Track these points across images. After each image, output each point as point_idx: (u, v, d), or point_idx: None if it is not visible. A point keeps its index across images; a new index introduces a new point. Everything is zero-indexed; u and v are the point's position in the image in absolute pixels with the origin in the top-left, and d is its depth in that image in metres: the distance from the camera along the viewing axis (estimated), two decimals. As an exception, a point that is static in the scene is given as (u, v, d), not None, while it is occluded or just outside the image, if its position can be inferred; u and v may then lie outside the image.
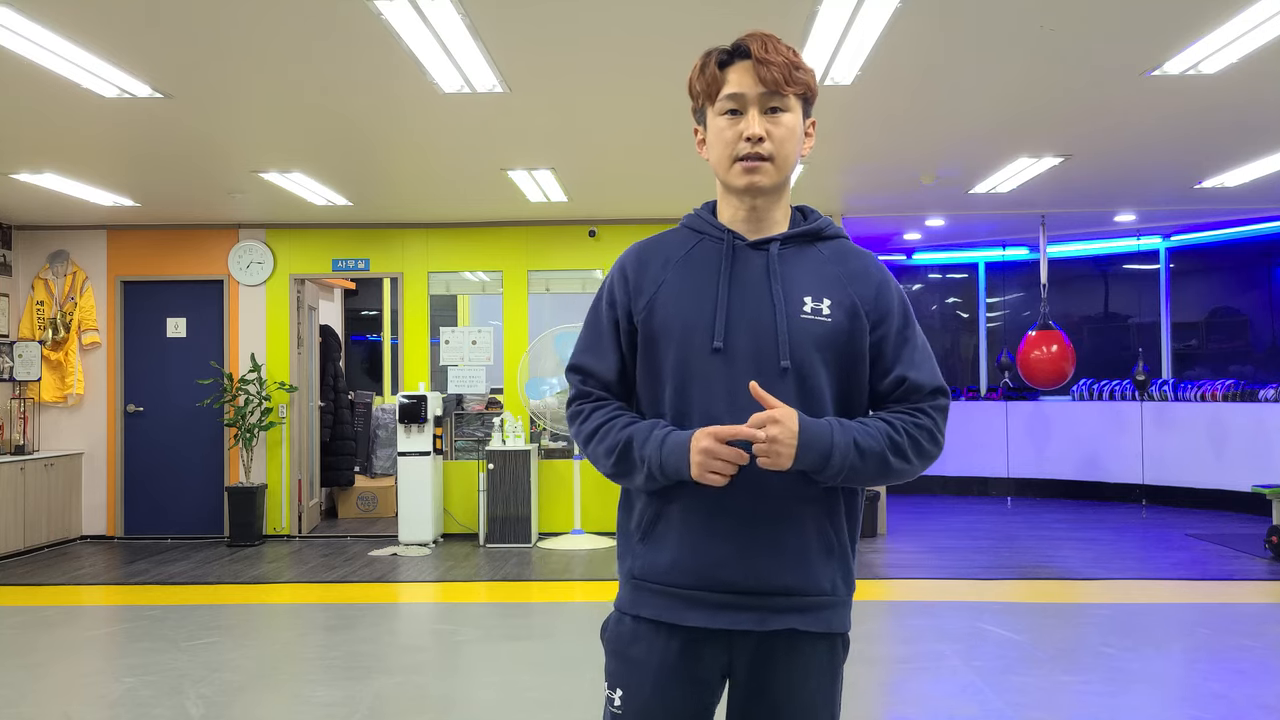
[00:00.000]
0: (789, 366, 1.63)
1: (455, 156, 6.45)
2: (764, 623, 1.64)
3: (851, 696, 4.28)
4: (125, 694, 4.38)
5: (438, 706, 4.25)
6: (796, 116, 1.69)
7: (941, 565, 7.14)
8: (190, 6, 3.95)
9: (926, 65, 4.79)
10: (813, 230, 1.75)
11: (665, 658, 1.67)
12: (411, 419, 7.99)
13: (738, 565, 1.63)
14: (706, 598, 1.64)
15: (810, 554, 1.65)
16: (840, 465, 1.59)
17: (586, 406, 1.75)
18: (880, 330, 1.70)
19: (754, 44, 1.68)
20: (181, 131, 5.76)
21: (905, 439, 1.66)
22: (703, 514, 1.64)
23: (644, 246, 1.77)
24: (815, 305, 1.67)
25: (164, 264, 8.79)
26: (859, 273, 1.72)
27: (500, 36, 4.29)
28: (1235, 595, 6.15)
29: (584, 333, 1.79)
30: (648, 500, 1.70)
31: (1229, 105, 5.47)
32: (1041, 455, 10.74)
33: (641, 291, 1.72)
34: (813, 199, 7.95)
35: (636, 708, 1.69)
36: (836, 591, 1.68)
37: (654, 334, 1.69)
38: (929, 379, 1.70)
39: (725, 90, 1.68)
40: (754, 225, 1.72)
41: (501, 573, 7.00)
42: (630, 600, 1.72)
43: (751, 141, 1.65)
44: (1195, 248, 10.33)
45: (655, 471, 1.62)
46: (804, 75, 1.68)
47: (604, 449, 1.69)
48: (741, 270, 1.69)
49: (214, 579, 6.93)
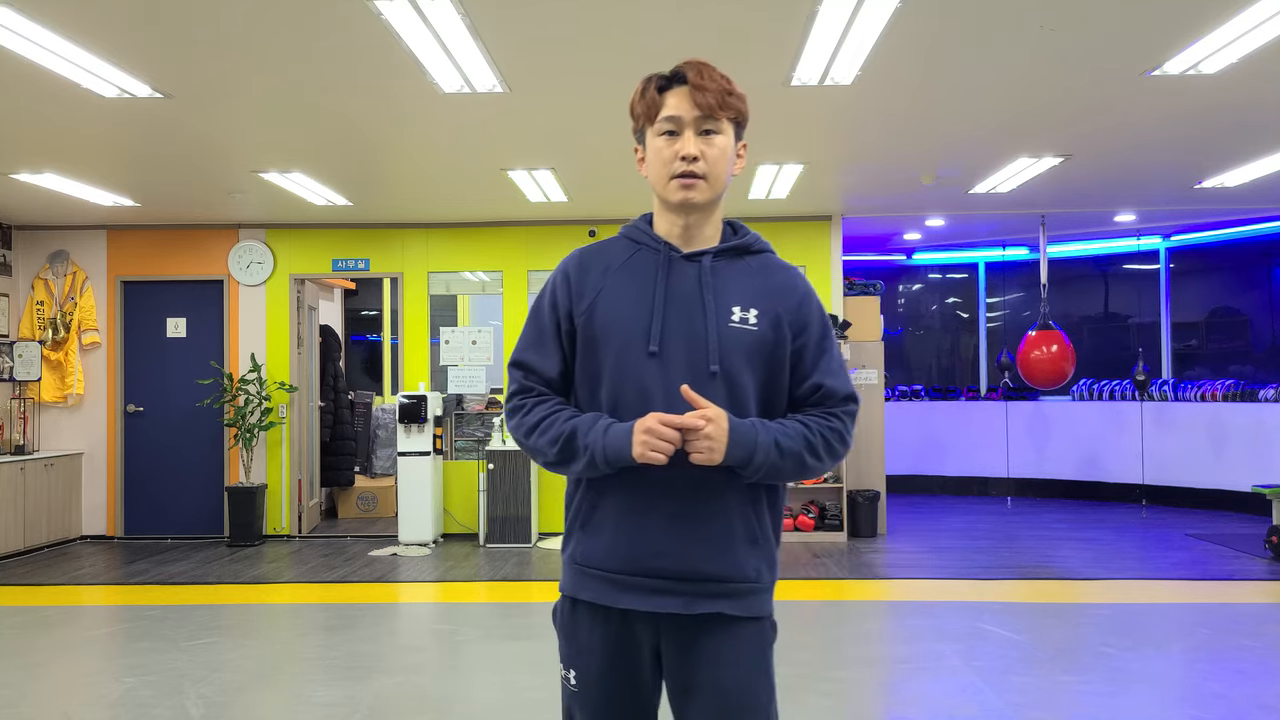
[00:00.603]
0: (718, 370, 1.78)
1: (455, 156, 6.45)
2: (691, 606, 1.78)
3: (852, 696, 4.30)
4: (125, 694, 4.38)
5: (438, 706, 4.25)
6: (729, 139, 1.83)
7: (941, 565, 7.14)
8: (190, 6, 3.95)
9: (926, 65, 4.79)
10: (742, 245, 1.89)
11: (606, 640, 1.82)
12: (411, 419, 8.00)
13: (668, 554, 1.78)
14: (639, 582, 1.79)
15: (735, 544, 1.80)
16: (763, 462, 1.74)
17: (529, 401, 1.87)
18: (800, 340, 1.85)
19: (691, 71, 1.81)
20: (181, 131, 5.76)
21: (819, 440, 1.81)
22: (636, 505, 1.79)
23: (586, 253, 1.91)
24: (743, 315, 1.81)
25: (164, 264, 8.79)
26: (783, 286, 1.88)
27: (500, 36, 4.29)
28: (1235, 595, 6.15)
29: (526, 331, 1.92)
30: (585, 491, 1.85)
31: (1229, 105, 5.47)
32: (1041, 455, 10.74)
33: (583, 295, 1.85)
34: (813, 199, 7.96)
35: (589, 685, 1.84)
36: (761, 578, 1.83)
37: (593, 336, 1.83)
38: (842, 386, 1.87)
39: (664, 113, 1.82)
40: (688, 238, 1.86)
41: (501, 573, 7.00)
42: (572, 583, 1.87)
43: (687, 160, 1.79)
44: (1195, 248, 10.34)
45: (598, 458, 1.75)
46: (736, 101, 1.83)
47: (547, 440, 1.81)
48: (676, 280, 1.83)
49: (214, 579, 6.93)
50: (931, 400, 11.30)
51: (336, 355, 9.92)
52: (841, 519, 8.15)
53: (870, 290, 8.91)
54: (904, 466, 10.95)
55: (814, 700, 4.18)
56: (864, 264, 11.51)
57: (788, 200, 7.93)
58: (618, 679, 1.83)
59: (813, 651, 4.90)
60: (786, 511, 8.16)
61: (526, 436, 1.85)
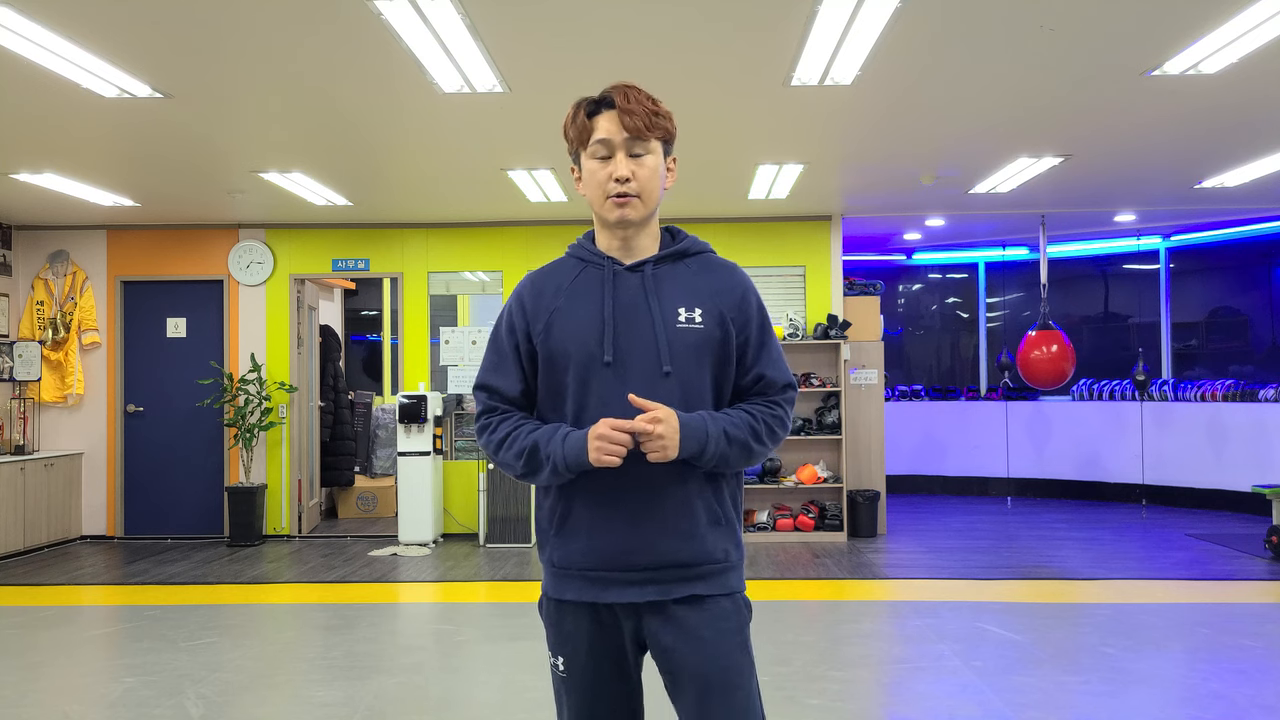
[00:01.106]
0: (670, 371, 1.90)
1: (455, 156, 6.45)
2: (668, 592, 1.90)
3: (852, 696, 4.30)
4: (125, 694, 4.38)
5: (438, 706, 4.25)
6: (658, 157, 1.95)
7: (941, 565, 7.14)
8: (190, 7, 3.95)
9: (926, 65, 4.79)
10: (680, 250, 2.00)
11: (590, 630, 1.95)
12: (411, 419, 8.00)
13: (639, 548, 1.89)
14: (617, 577, 1.91)
15: (700, 529, 1.92)
16: (714, 452, 1.87)
17: (494, 419, 1.99)
18: (744, 334, 1.97)
19: (618, 95, 1.94)
20: (181, 131, 5.76)
21: (764, 426, 1.94)
22: (604, 506, 1.91)
23: (536, 277, 2.03)
24: (689, 315, 1.93)
25: (164, 264, 8.79)
26: (724, 284, 1.99)
27: (500, 36, 4.29)
28: (1235, 595, 6.15)
29: (487, 356, 2.04)
30: (556, 497, 1.96)
31: (1229, 105, 5.47)
32: (1041, 455, 10.74)
33: (539, 316, 1.97)
34: (813, 199, 7.96)
35: (575, 671, 1.97)
36: (729, 557, 1.95)
37: (552, 354, 1.94)
38: (781, 376, 1.99)
39: (595, 136, 1.94)
40: (628, 251, 1.98)
41: (501, 573, 7.00)
42: (554, 585, 1.98)
43: (620, 181, 1.91)
44: (1195, 248, 10.33)
45: (560, 465, 1.86)
46: (663, 121, 1.94)
47: (513, 454, 1.93)
48: (622, 291, 1.94)
49: (214, 579, 6.93)
50: (931, 400, 11.30)
51: (336, 355, 9.92)
52: (841, 519, 8.15)
53: (870, 290, 8.91)
54: (904, 466, 10.95)
55: (814, 700, 4.18)
56: (864, 264, 11.51)
57: (788, 200, 7.93)
58: (602, 664, 1.95)
59: (813, 651, 4.90)
60: (786, 511, 8.16)
61: (495, 452, 1.97)
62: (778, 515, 8.13)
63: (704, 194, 7.70)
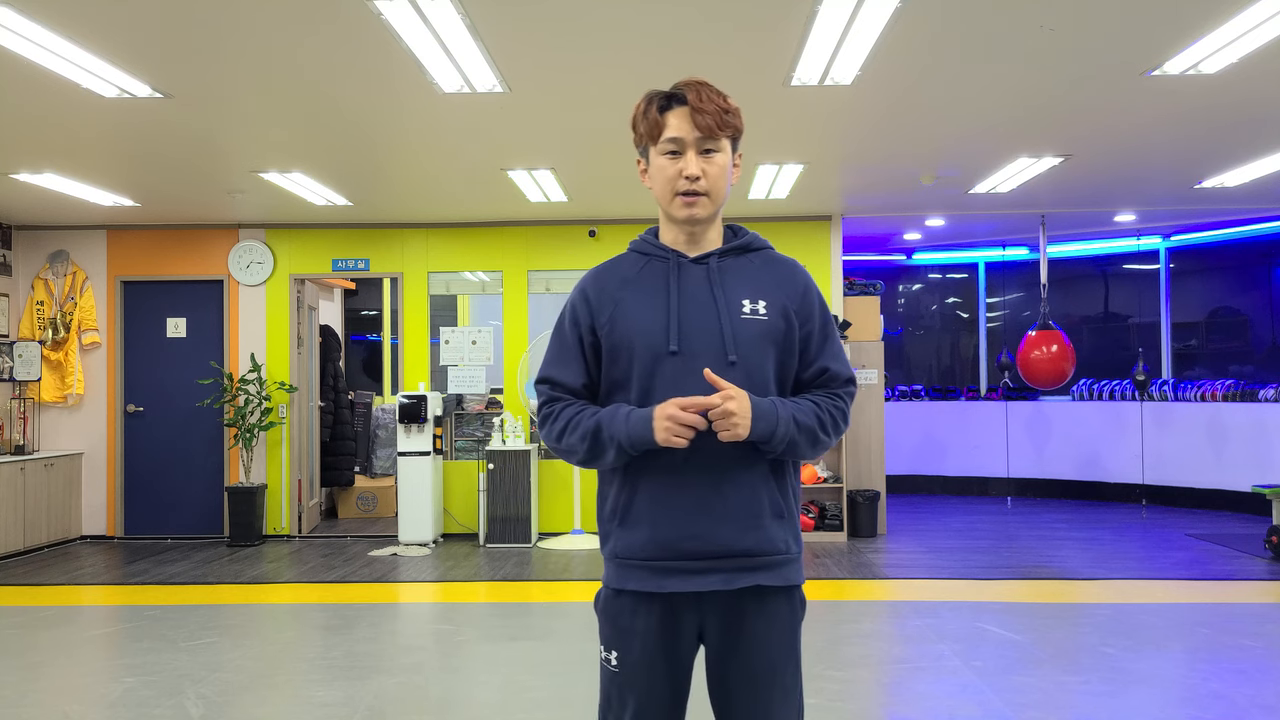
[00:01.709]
0: (736, 360, 1.90)
1: (455, 156, 6.45)
2: (731, 582, 1.89)
3: (852, 696, 4.30)
4: (125, 694, 4.38)
5: (438, 706, 4.25)
6: (727, 155, 1.96)
7: (941, 565, 7.14)
8: (190, 7, 3.95)
9: (926, 65, 4.79)
10: (743, 244, 2.02)
11: (649, 622, 1.93)
12: (411, 419, 7.99)
13: (703, 536, 1.89)
14: (680, 566, 1.90)
15: (764, 519, 1.92)
16: (784, 435, 1.87)
17: (556, 407, 1.99)
18: (807, 327, 1.99)
19: (690, 93, 1.93)
20: (181, 131, 5.76)
21: (828, 417, 1.95)
22: (668, 495, 1.90)
23: (600, 271, 2.04)
24: (753, 307, 1.94)
25: (164, 264, 8.79)
26: (786, 278, 2.00)
27: (500, 36, 4.29)
28: (1235, 595, 6.15)
29: (550, 349, 2.04)
30: (619, 488, 1.96)
31: (1229, 105, 5.47)
32: (1041, 455, 10.74)
33: (602, 309, 1.97)
34: (813, 199, 7.96)
35: (629, 665, 1.95)
36: (790, 550, 1.95)
37: (616, 345, 1.95)
38: (844, 370, 2.01)
39: (666, 134, 1.94)
40: (693, 245, 2.00)
41: (501, 573, 7.00)
42: (616, 576, 1.96)
43: (690, 180, 1.92)
44: (1195, 248, 10.33)
45: (625, 444, 1.86)
46: (733, 119, 1.95)
47: (577, 437, 1.93)
48: (687, 282, 1.96)
49: (214, 579, 6.93)
50: (931, 400, 11.30)
51: (336, 355, 9.92)
52: (841, 519, 8.15)
53: (870, 290, 8.91)
54: (904, 466, 10.95)
55: (814, 700, 4.18)
56: (864, 264, 11.51)
57: (788, 200, 7.93)
58: (660, 660, 1.93)
59: (813, 651, 4.90)
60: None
61: (559, 440, 1.96)
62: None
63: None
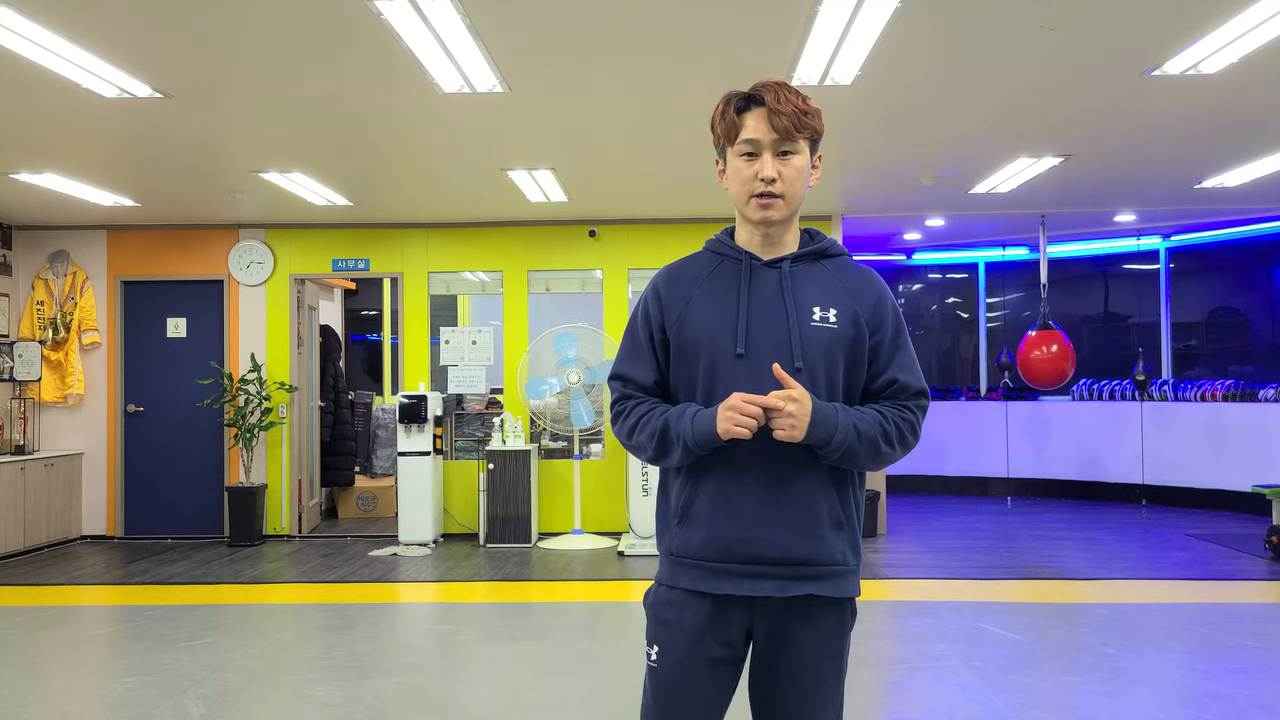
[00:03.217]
0: (802, 367, 1.88)
1: (455, 156, 6.45)
2: (784, 589, 1.87)
3: (852, 696, 4.28)
4: (125, 694, 4.38)
5: (438, 706, 4.25)
6: (805, 157, 1.95)
7: (941, 565, 7.14)
8: (190, 7, 3.95)
9: (926, 65, 4.79)
10: (819, 250, 2.00)
11: (697, 619, 1.90)
12: (411, 419, 7.99)
13: (759, 539, 1.87)
14: (735, 568, 1.88)
15: (823, 529, 1.89)
16: (841, 442, 1.83)
17: (629, 405, 1.99)
18: (877, 337, 1.95)
19: (768, 94, 1.90)
20: (181, 131, 5.76)
21: (894, 429, 1.91)
22: (728, 496, 1.88)
23: (674, 269, 2.03)
24: (823, 314, 1.91)
25: (164, 264, 8.79)
26: (860, 286, 1.97)
27: (500, 36, 4.29)
28: (1235, 595, 6.15)
29: (623, 346, 2.04)
30: (681, 486, 1.94)
31: (1229, 105, 5.47)
32: (1041, 455, 10.74)
33: (673, 308, 1.96)
34: (813, 199, 7.95)
35: (670, 661, 1.92)
36: (847, 561, 1.92)
37: (685, 344, 1.94)
38: (916, 382, 1.97)
39: (743, 135, 1.92)
40: (768, 248, 1.97)
41: (501, 573, 7.00)
42: (669, 574, 1.95)
43: (766, 182, 1.90)
44: (1195, 248, 10.33)
45: (690, 443, 1.85)
46: (812, 120, 1.94)
47: (645, 435, 1.92)
48: (758, 286, 1.94)
49: (214, 579, 6.93)
50: (931, 400, 11.28)
51: (336, 355, 9.92)
52: (841, 519, 8.14)
53: (870, 290, 8.90)
54: (904, 466, 10.94)
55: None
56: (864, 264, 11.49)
57: (788, 200, 7.92)
58: (701, 661, 1.90)
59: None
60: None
61: (630, 437, 1.96)
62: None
63: (704, 194, 7.70)
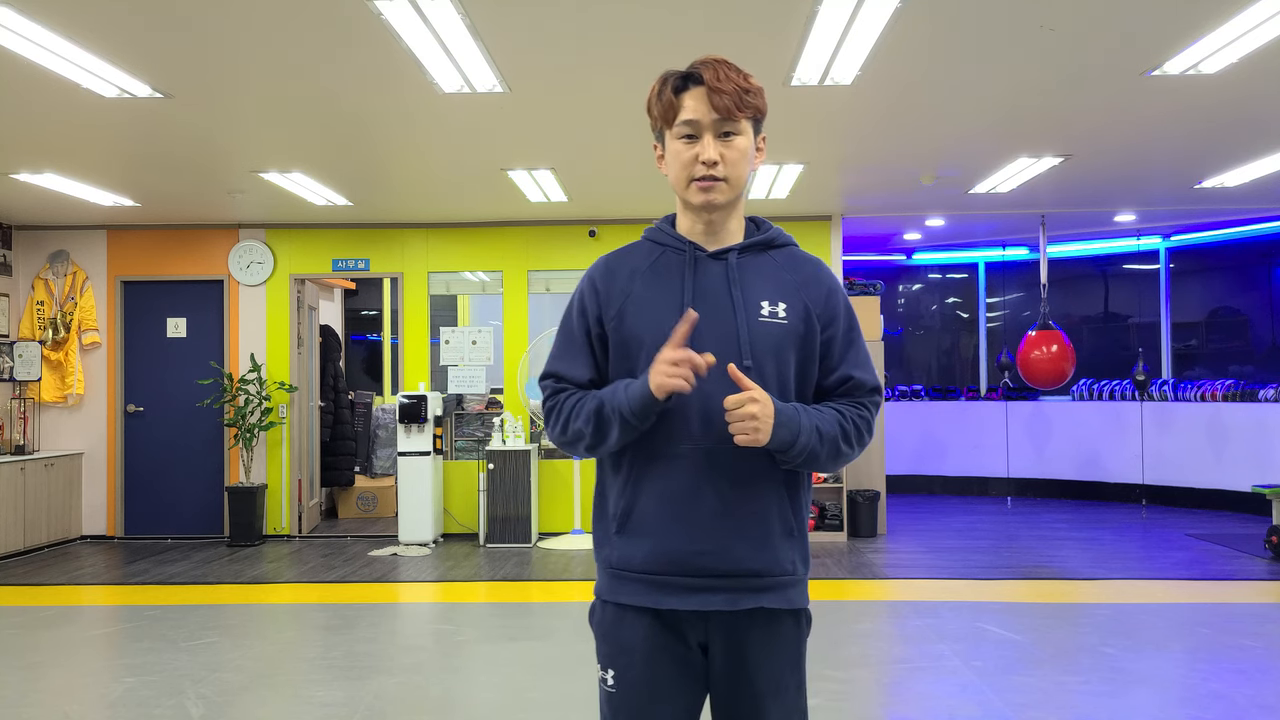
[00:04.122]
0: (750, 365, 1.77)
1: (455, 156, 6.45)
2: (735, 603, 1.77)
3: (852, 696, 4.30)
4: (125, 694, 4.38)
5: (438, 706, 4.25)
6: (748, 138, 1.82)
7: (941, 565, 7.14)
8: (190, 7, 3.95)
9: (926, 65, 4.79)
10: (766, 240, 1.88)
11: (649, 637, 1.80)
12: (411, 419, 7.99)
13: (710, 551, 1.76)
14: (682, 582, 1.77)
15: (774, 538, 1.80)
16: (805, 445, 1.74)
17: (560, 399, 1.86)
18: (829, 332, 1.85)
19: (707, 72, 1.78)
20: (181, 131, 5.76)
21: (852, 428, 1.82)
22: (674, 504, 1.77)
23: (611, 259, 1.91)
24: (772, 309, 1.81)
25: (164, 264, 8.79)
26: (810, 279, 1.87)
27: (500, 36, 4.29)
28: (1235, 595, 6.15)
29: (556, 342, 1.92)
30: (621, 489, 1.82)
31: (1229, 105, 5.47)
32: (1041, 455, 10.74)
33: (611, 301, 1.85)
34: (813, 199, 7.96)
35: (627, 684, 1.81)
36: (797, 571, 1.83)
37: (625, 340, 1.82)
38: (870, 379, 1.87)
39: (681, 116, 1.80)
40: (711, 237, 1.86)
41: (501, 573, 7.00)
42: (609, 588, 1.84)
43: (707, 164, 1.78)
44: (1195, 248, 10.33)
45: (627, 413, 1.73)
46: (754, 99, 1.81)
47: (582, 420, 1.80)
48: (703, 279, 1.82)
49: (214, 579, 6.93)
50: (931, 400, 11.30)
51: (336, 355, 9.92)
52: (841, 519, 8.15)
53: (870, 290, 8.91)
54: (904, 466, 10.95)
55: (814, 700, 4.16)
56: (864, 264, 11.51)
57: (788, 200, 7.93)
58: (659, 679, 1.80)
59: (813, 651, 4.86)
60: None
61: (564, 431, 1.83)
62: (778, 515, 8.12)
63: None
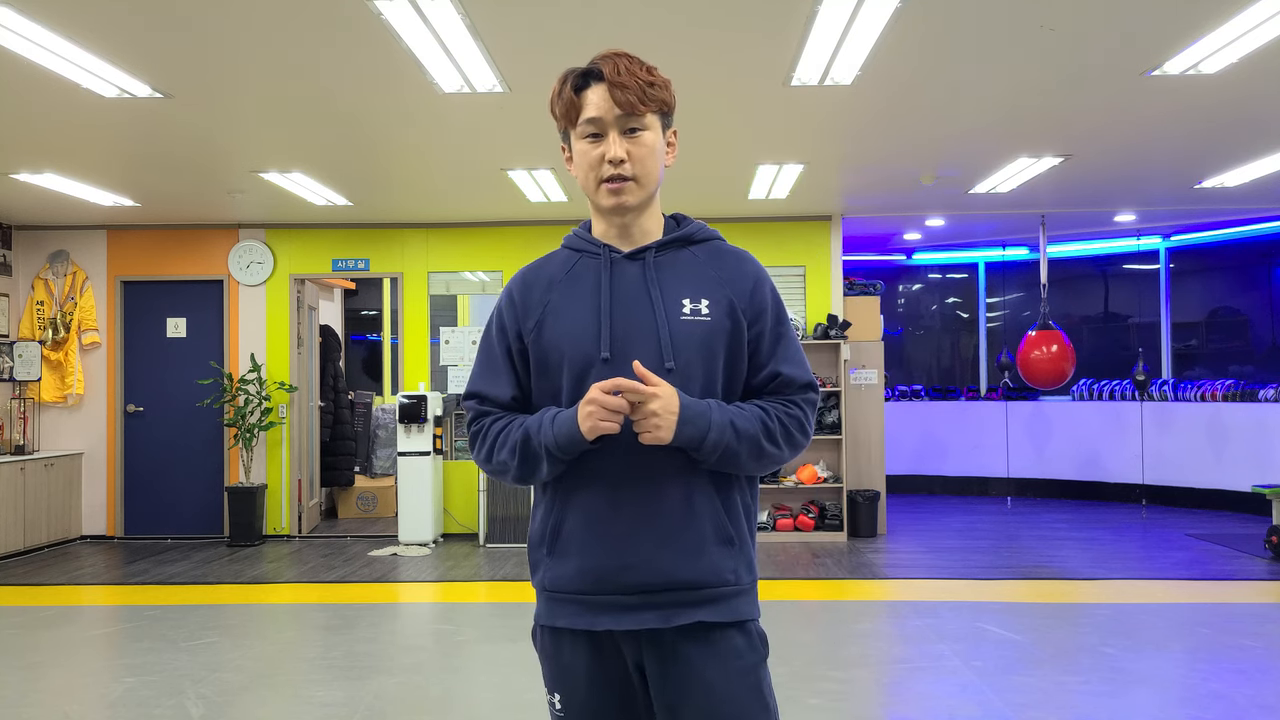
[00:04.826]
0: (674, 367, 1.70)
1: (455, 156, 6.45)
2: (670, 619, 1.68)
3: (852, 696, 4.30)
4: (125, 694, 4.38)
5: (438, 706, 4.25)
6: (656, 133, 1.74)
7: (941, 565, 7.14)
8: (190, 6, 3.95)
9: (926, 65, 4.79)
10: (685, 235, 1.81)
11: (589, 661, 1.73)
12: (411, 419, 8.00)
13: (637, 565, 1.68)
14: (614, 601, 1.69)
15: (708, 545, 1.70)
16: (718, 442, 1.66)
17: (484, 423, 1.80)
18: (756, 327, 1.77)
19: (607, 66, 1.71)
20: (181, 131, 5.76)
21: (778, 425, 1.73)
22: (599, 519, 1.70)
23: (528, 271, 1.86)
24: (694, 306, 1.73)
25: (164, 264, 8.79)
26: (734, 273, 1.78)
27: (500, 36, 4.29)
28: (1235, 595, 6.15)
29: (477, 361, 1.85)
30: (547, 512, 1.76)
31: (1229, 105, 5.47)
32: (1041, 455, 10.73)
33: (529, 314, 1.79)
34: (813, 199, 7.96)
35: (574, 709, 1.75)
36: (740, 580, 1.73)
37: (545, 353, 1.76)
38: (800, 374, 1.78)
39: (584, 114, 1.72)
40: (627, 238, 1.79)
41: (501, 573, 7.00)
42: (546, 612, 1.78)
43: (614, 164, 1.71)
44: (1195, 248, 10.33)
45: (554, 450, 1.67)
46: (659, 92, 1.73)
47: (507, 452, 1.74)
48: (620, 281, 1.75)
49: (214, 579, 6.93)
50: (931, 400, 11.30)
51: (336, 355, 9.92)
52: (841, 519, 8.15)
53: (870, 290, 8.91)
54: (904, 466, 10.95)
55: (814, 700, 4.18)
56: (864, 264, 11.51)
57: (788, 200, 7.93)
58: (604, 701, 1.74)
59: (813, 651, 4.90)
60: (786, 511, 8.15)
61: (489, 460, 1.77)
62: (778, 515, 8.13)
63: (704, 194, 7.70)
